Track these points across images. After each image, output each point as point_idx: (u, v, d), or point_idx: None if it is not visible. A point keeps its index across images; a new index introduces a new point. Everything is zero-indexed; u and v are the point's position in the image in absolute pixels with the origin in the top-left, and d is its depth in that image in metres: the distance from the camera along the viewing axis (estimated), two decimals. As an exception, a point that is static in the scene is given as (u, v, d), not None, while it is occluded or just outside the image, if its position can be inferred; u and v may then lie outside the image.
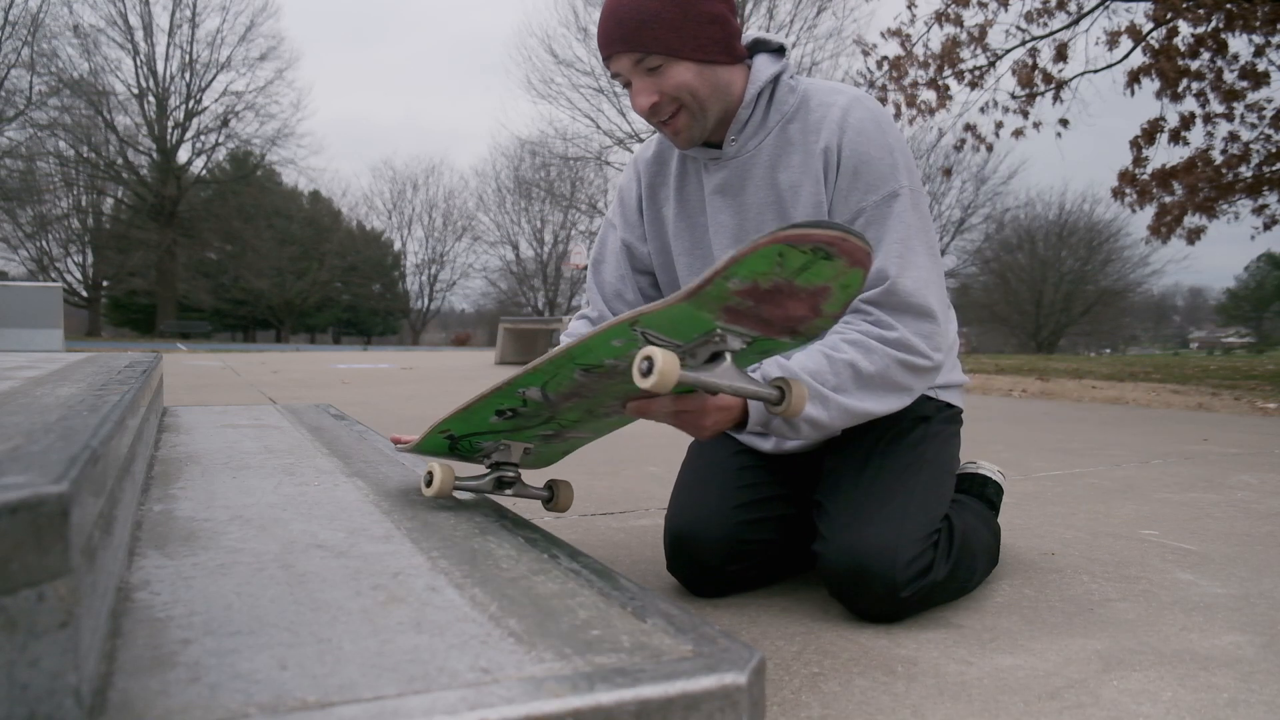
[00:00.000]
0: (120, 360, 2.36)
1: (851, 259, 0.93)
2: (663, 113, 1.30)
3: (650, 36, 1.24)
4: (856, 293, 0.99)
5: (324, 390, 5.99)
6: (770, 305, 0.99)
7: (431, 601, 0.78)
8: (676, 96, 1.28)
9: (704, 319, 1.01)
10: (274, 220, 37.42)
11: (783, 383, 1.08)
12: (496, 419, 1.26)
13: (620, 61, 1.27)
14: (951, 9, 9.94)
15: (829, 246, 0.90)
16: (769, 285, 0.95)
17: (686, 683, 0.60)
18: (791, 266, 0.93)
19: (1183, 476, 2.80)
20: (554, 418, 1.24)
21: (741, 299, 0.97)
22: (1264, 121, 9.05)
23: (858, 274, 0.96)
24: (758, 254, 0.90)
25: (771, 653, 1.14)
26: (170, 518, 1.08)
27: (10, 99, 28.84)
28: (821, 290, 0.98)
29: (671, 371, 0.96)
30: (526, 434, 1.29)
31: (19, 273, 32.60)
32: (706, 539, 1.38)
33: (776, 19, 25.32)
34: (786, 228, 0.89)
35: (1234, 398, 6.36)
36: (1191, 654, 1.18)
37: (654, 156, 1.51)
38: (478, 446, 1.33)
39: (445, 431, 1.29)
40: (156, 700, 0.56)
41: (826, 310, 1.01)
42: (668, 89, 1.27)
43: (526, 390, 1.18)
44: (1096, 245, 36.25)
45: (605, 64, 1.31)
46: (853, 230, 0.90)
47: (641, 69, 1.26)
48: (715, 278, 0.93)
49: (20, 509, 0.48)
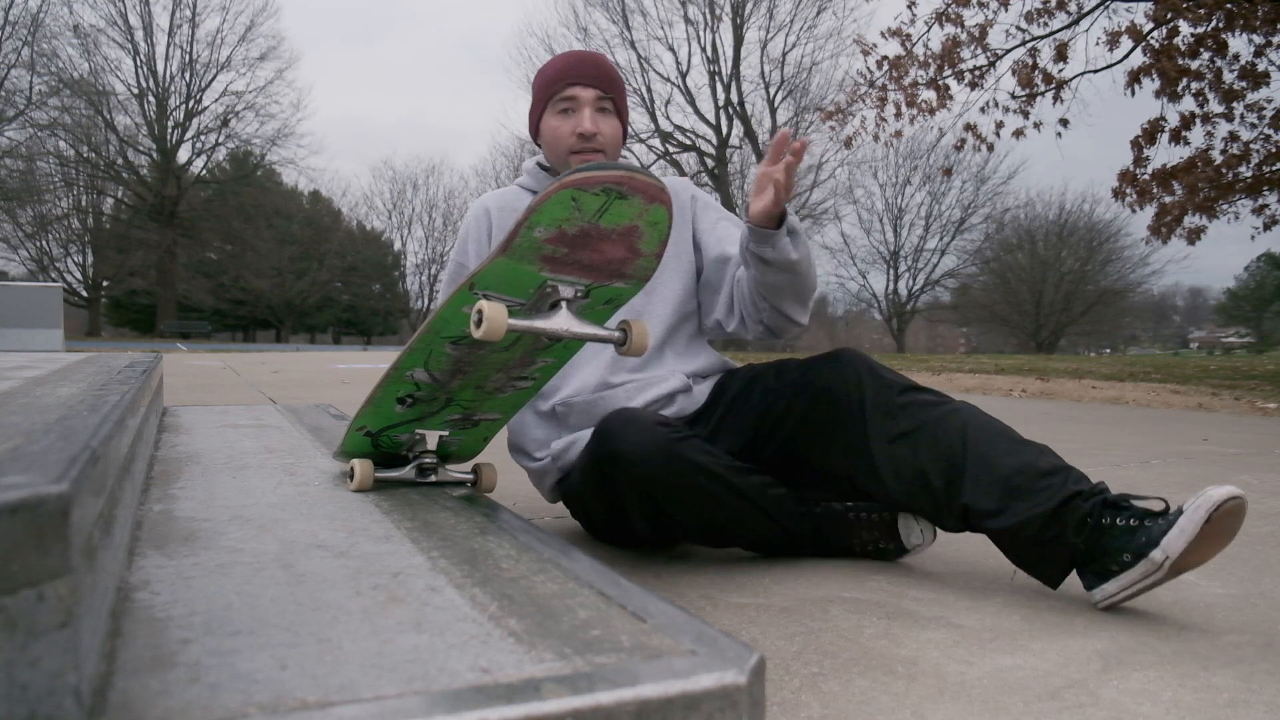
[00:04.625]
0: (120, 360, 2.36)
1: (647, 195, 1.02)
2: (593, 143, 1.60)
3: (615, 88, 1.63)
4: (668, 229, 1.09)
5: (324, 390, 5.99)
6: (585, 250, 1.07)
7: (431, 601, 0.78)
8: (604, 141, 1.60)
9: (529, 272, 1.09)
10: (274, 220, 37.41)
11: (625, 325, 1.18)
12: (401, 408, 1.32)
13: (583, 91, 1.58)
14: (951, 9, 9.93)
15: (618, 185, 0.99)
16: (575, 230, 1.04)
17: (686, 683, 0.60)
18: (589, 209, 1.01)
19: (1183, 476, 2.80)
20: (452, 399, 1.32)
21: (554, 246, 1.06)
22: (1264, 121, 9.04)
23: (660, 210, 1.05)
24: (551, 200, 0.99)
25: (771, 653, 1.14)
26: (170, 518, 1.08)
27: (10, 99, 28.84)
28: (630, 230, 1.06)
29: (499, 319, 1.04)
30: (435, 420, 1.36)
31: (19, 273, 32.63)
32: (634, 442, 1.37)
33: (776, 19, 25.32)
34: (571, 171, 0.99)
35: (1234, 398, 6.36)
36: (1191, 654, 1.18)
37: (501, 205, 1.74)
38: (397, 440, 1.38)
39: (362, 428, 1.35)
40: (156, 700, 0.56)
41: (644, 249, 1.10)
42: (605, 130, 1.60)
43: (413, 372, 1.26)
44: (1096, 245, 36.23)
45: (562, 87, 1.59)
46: (638, 168, 1.00)
47: (596, 104, 1.59)
48: (520, 228, 1.02)
49: (20, 509, 0.48)
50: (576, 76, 1.58)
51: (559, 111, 1.60)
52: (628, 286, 1.17)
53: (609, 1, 25.85)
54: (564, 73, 1.59)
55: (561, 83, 1.58)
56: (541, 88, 1.63)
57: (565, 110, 1.59)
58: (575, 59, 1.62)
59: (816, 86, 25.86)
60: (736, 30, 26.40)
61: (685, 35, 29.18)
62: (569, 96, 1.58)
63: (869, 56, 10.89)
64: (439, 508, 1.21)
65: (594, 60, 1.62)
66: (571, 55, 1.64)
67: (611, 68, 1.63)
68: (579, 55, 1.63)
